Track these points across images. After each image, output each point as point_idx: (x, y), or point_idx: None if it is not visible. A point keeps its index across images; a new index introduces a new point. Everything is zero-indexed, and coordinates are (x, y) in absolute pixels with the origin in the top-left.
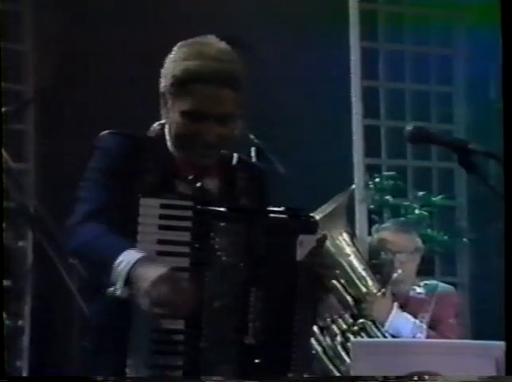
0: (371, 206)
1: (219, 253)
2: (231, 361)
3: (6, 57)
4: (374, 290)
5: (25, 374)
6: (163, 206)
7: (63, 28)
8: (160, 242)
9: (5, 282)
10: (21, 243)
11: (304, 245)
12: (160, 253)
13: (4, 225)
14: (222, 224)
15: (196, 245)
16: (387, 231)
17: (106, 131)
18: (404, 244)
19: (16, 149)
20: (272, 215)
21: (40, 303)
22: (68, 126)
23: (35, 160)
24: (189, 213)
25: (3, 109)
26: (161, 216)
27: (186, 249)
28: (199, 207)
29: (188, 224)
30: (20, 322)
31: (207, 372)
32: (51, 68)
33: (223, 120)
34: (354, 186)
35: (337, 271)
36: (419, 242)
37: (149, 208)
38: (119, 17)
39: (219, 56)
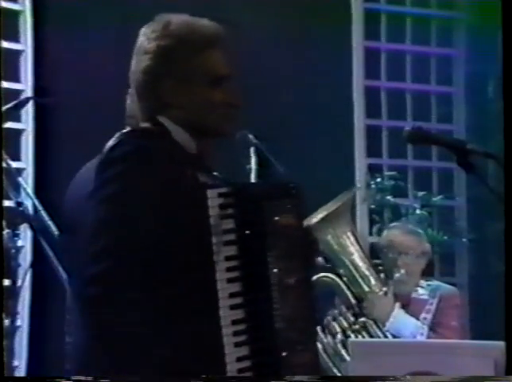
0: (372, 206)
1: (281, 231)
2: (312, 335)
3: (6, 57)
4: (377, 290)
5: (22, 374)
6: (221, 195)
7: (63, 27)
8: (226, 231)
9: (5, 282)
10: (20, 243)
11: None
12: (228, 243)
13: (3, 224)
14: (277, 201)
15: (258, 228)
16: (397, 231)
17: (118, 138)
18: (411, 246)
19: (15, 148)
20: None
21: (39, 303)
22: (68, 126)
23: (34, 159)
24: (244, 198)
25: (3, 108)
26: (222, 206)
27: (246, 234)
28: (250, 190)
29: (246, 208)
30: (18, 322)
31: (290, 351)
32: (51, 67)
33: (233, 81)
34: (359, 185)
35: (341, 270)
36: (427, 246)
37: (213, 200)
38: (120, 16)
39: (196, 22)
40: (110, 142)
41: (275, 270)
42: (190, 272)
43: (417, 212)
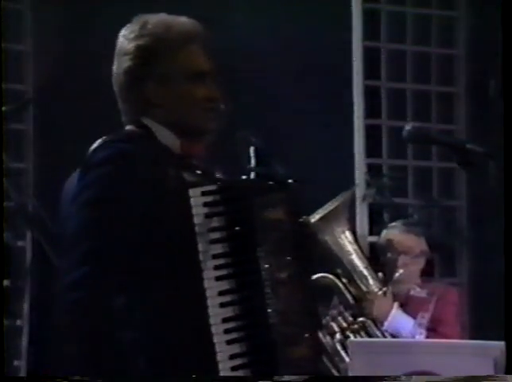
0: (372, 206)
1: (270, 226)
2: (307, 328)
3: (6, 57)
4: (375, 289)
5: (22, 374)
6: (205, 193)
7: (63, 27)
8: (212, 230)
9: (5, 282)
10: (20, 243)
11: None
12: (214, 241)
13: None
14: (265, 196)
15: (246, 224)
16: (396, 231)
17: (101, 142)
18: (410, 246)
19: (15, 148)
20: (290, 181)
21: (38, 303)
22: (68, 126)
23: (34, 159)
24: (230, 195)
25: (3, 108)
26: (206, 204)
27: (233, 231)
28: (237, 186)
29: (231, 205)
30: (18, 322)
31: (284, 347)
32: (51, 67)
33: (214, 76)
34: (357, 183)
35: (339, 270)
36: (425, 245)
37: (196, 199)
38: (120, 16)
39: (174, 20)
40: (93, 146)
41: (266, 266)
42: (176, 273)
43: (417, 212)
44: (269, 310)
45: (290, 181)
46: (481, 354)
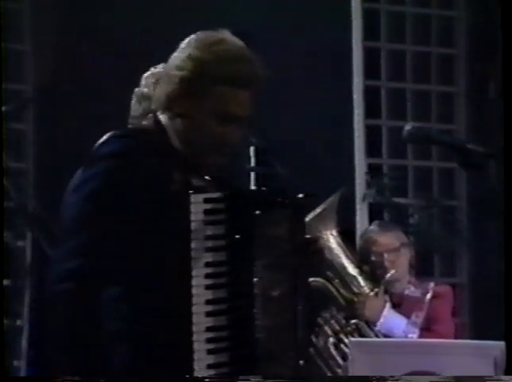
0: (372, 206)
1: (269, 242)
2: (292, 348)
3: (6, 57)
4: (367, 290)
5: (22, 374)
6: (207, 200)
7: (62, 27)
8: (208, 238)
9: (5, 282)
10: (20, 243)
11: None
12: (209, 249)
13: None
14: (269, 212)
15: (245, 236)
16: (371, 234)
17: (109, 136)
18: (389, 243)
19: (15, 148)
20: (300, 196)
21: (38, 303)
22: (68, 126)
23: (34, 160)
24: (233, 205)
25: (3, 108)
26: (206, 212)
27: (230, 242)
28: (242, 197)
29: (233, 215)
30: (18, 322)
31: (267, 363)
32: (51, 67)
33: (245, 123)
34: (343, 188)
35: (328, 272)
36: (403, 237)
37: (197, 205)
38: (120, 15)
39: (246, 58)
40: (100, 140)
41: (259, 281)
42: (167, 275)
43: (417, 212)
44: (256, 325)
45: (300, 195)
46: (481, 354)
